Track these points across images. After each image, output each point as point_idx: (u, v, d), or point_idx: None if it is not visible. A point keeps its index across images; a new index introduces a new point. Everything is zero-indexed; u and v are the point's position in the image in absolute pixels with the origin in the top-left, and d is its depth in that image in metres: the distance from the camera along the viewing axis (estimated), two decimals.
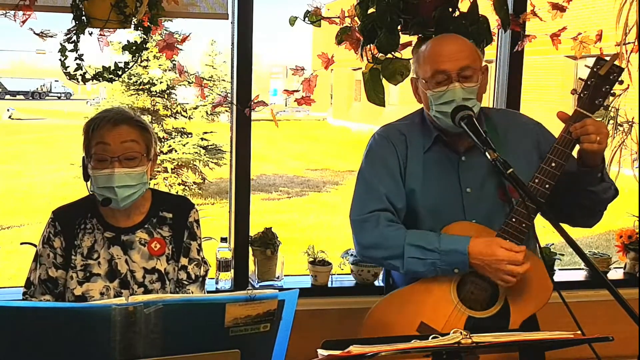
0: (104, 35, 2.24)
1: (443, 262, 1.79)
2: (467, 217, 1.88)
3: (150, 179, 1.88)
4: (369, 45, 2.33)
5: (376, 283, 2.76)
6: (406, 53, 2.36)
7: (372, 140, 2.02)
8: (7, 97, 33.11)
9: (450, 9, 2.32)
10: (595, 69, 1.77)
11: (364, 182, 1.95)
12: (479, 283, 1.82)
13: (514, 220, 1.77)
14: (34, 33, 2.24)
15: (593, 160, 1.78)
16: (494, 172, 1.87)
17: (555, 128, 1.90)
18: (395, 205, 1.90)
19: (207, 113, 12.31)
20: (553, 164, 1.77)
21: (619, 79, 1.77)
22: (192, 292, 1.90)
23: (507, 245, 1.76)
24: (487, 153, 1.69)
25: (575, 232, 1.93)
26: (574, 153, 1.82)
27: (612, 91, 1.77)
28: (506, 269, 1.74)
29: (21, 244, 2.59)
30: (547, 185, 1.77)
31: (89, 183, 1.84)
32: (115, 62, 2.27)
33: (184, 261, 1.90)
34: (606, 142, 1.75)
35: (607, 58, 1.78)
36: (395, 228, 1.87)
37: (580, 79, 1.81)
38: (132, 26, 2.24)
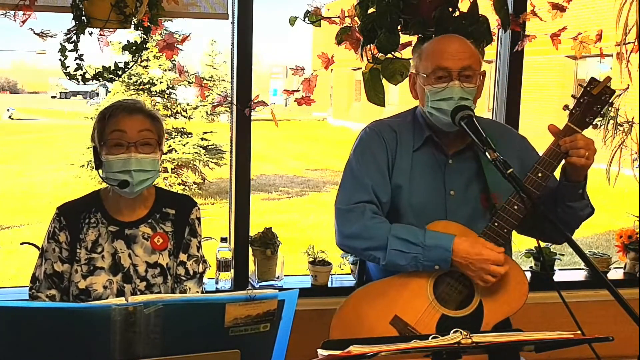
0: (104, 35, 2.24)
1: (425, 257, 1.81)
2: (448, 218, 1.91)
3: None
4: (369, 45, 2.33)
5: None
6: (406, 53, 2.36)
7: (363, 133, 2.04)
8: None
9: (450, 9, 2.32)
10: (588, 88, 1.82)
11: (352, 173, 1.98)
12: (454, 284, 1.85)
13: (496, 224, 1.82)
14: (34, 33, 2.24)
15: (577, 175, 1.82)
16: (478, 178, 1.93)
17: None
18: (380, 199, 1.93)
19: (207, 113, 12.32)
20: (540, 174, 1.81)
21: (610, 101, 1.82)
22: (190, 288, 1.91)
23: (489, 246, 1.80)
24: (487, 153, 1.70)
25: (575, 232, 1.94)
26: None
27: (602, 112, 1.82)
28: (490, 269, 1.78)
29: (21, 244, 2.59)
30: None
31: (100, 171, 1.86)
32: (115, 62, 2.27)
33: (182, 257, 1.93)
34: (593, 159, 1.80)
35: (601, 79, 1.83)
36: (380, 220, 1.89)
37: (572, 96, 1.86)
38: (132, 26, 2.24)
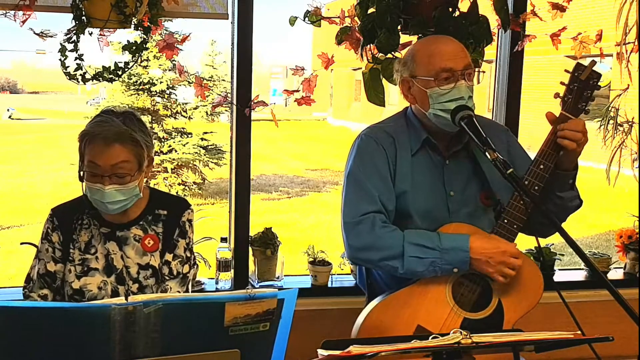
0: (104, 35, 2.24)
1: (443, 260, 1.79)
2: (451, 219, 1.91)
3: (150, 179, 1.90)
4: (369, 45, 2.33)
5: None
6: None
7: (359, 141, 1.99)
8: None
9: (450, 9, 2.32)
10: (576, 74, 1.82)
11: (356, 183, 1.93)
12: (471, 285, 1.85)
13: (506, 221, 1.82)
14: (34, 33, 2.24)
15: (569, 162, 1.83)
16: (474, 177, 1.94)
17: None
18: (386, 207, 1.90)
19: (207, 113, 12.31)
20: (541, 166, 1.81)
21: (598, 84, 1.82)
22: (170, 288, 1.89)
23: (503, 241, 1.81)
24: (487, 153, 1.70)
25: (575, 232, 1.94)
26: None
27: (592, 97, 1.82)
28: (509, 262, 1.78)
29: (21, 244, 2.59)
30: (536, 187, 1.81)
31: (84, 184, 1.85)
32: (115, 62, 2.27)
33: (168, 257, 1.90)
34: (583, 146, 1.80)
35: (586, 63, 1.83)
36: (391, 229, 1.86)
37: (561, 82, 1.85)
38: (132, 26, 2.24)
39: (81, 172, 1.81)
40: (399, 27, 2.32)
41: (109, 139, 1.76)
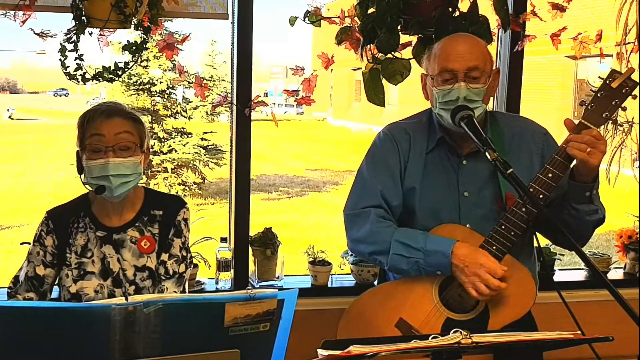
0: (104, 35, 2.24)
1: (426, 262, 1.80)
2: (462, 220, 1.88)
3: (150, 179, 1.90)
4: (369, 45, 2.33)
5: (375, 283, 2.76)
6: (406, 53, 2.36)
7: (377, 137, 2.03)
8: None
9: (450, 9, 2.32)
10: (607, 81, 1.71)
11: (361, 178, 1.98)
12: (460, 286, 1.81)
13: (503, 227, 1.75)
14: (34, 33, 2.24)
15: (584, 174, 1.74)
16: (493, 179, 1.88)
17: (555, 128, 1.90)
18: (390, 203, 1.91)
19: (207, 113, 12.33)
20: (550, 175, 1.73)
21: (632, 94, 1.70)
22: (167, 288, 1.88)
23: (491, 258, 1.75)
24: (487, 153, 1.68)
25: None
26: None
27: (622, 105, 1.71)
28: (483, 277, 1.73)
29: (21, 244, 2.59)
30: (541, 196, 1.73)
31: (82, 176, 1.85)
32: (115, 62, 2.27)
33: (164, 257, 1.89)
34: (598, 158, 1.70)
35: (615, 69, 1.73)
36: (386, 225, 1.88)
37: (591, 90, 1.75)
38: (132, 26, 2.24)
39: (82, 157, 1.81)
40: (399, 27, 2.32)
41: (110, 112, 1.82)
